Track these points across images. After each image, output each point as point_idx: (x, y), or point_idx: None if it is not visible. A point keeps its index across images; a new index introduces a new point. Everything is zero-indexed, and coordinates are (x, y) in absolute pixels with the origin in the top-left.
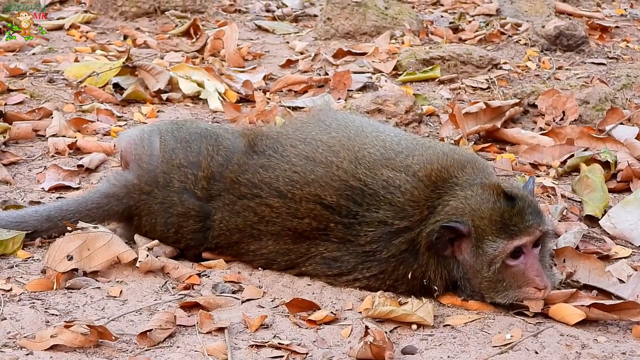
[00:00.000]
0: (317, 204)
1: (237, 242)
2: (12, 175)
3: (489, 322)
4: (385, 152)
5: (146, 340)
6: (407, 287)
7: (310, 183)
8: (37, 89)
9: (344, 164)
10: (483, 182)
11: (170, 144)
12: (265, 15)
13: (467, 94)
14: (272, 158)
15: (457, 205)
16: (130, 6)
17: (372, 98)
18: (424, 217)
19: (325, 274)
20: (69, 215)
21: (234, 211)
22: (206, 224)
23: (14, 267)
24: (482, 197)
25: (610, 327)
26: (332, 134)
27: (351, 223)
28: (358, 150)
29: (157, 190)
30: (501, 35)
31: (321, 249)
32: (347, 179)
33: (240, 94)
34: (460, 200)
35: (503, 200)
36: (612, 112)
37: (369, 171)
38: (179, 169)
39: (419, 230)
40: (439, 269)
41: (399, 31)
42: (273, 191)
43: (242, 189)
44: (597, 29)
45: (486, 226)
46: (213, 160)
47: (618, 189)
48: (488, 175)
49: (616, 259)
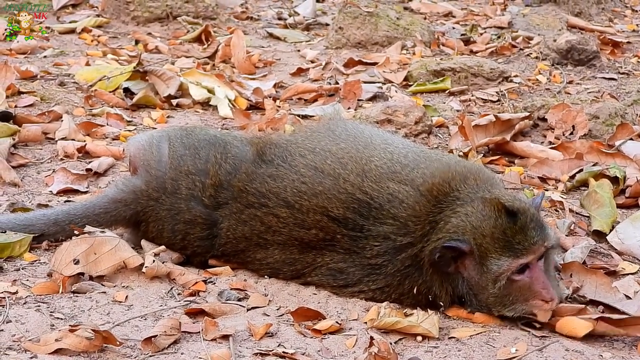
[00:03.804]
0: (324, 215)
1: (243, 251)
2: (20, 177)
3: (494, 336)
4: (392, 165)
5: (151, 346)
6: (412, 301)
7: (317, 195)
8: (47, 92)
9: (351, 177)
10: (484, 197)
11: (178, 150)
12: (277, 23)
13: (477, 106)
14: (281, 167)
15: (458, 223)
16: (143, 11)
17: (382, 108)
18: (426, 233)
19: (330, 284)
20: (77, 220)
21: (240, 220)
22: (213, 232)
23: (20, 269)
24: (482, 213)
25: (616, 342)
26: (341, 145)
27: (357, 236)
28: (365, 162)
29: (165, 197)
30: (512, 48)
31: (327, 259)
32: (353, 192)
33: (250, 101)
34: (461, 217)
35: (504, 217)
36: (622, 127)
37: (375, 184)
38: (187, 176)
39: (421, 247)
40: (444, 284)
41: (410, 42)
42: (281, 201)
43: (250, 198)
44: (609, 44)
45: (489, 244)
46: (221, 168)
47: (626, 205)
48: (492, 187)
49: (623, 275)
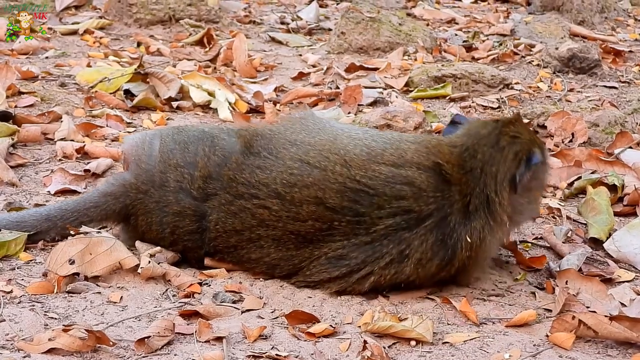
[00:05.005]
0: (319, 205)
1: (235, 247)
2: (18, 177)
3: (488, 341)
4: (370, 150)
5: (144, 347)
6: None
7: (309, 186)
8: (48, 93)
9: (337, 168)
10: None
11: (169, 145)
12: (280, 27)
13: (478, 112)
14: (267, 160)
15: (514, 145)
16: (145, 14)
17: (381, 113)
18: (467, 185)
19: (331, 275)
20: (68, 215)
21: (230, 211)
22: (202, 225)
23: (15, 269)
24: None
25: (610, 350)
26: (316, 138)
27: (358, 220)
28: (344, 154)
29: (154, 190)
30: (514, 55)
31: (325, 249)
32: (344, 182)
33: (250, 105)
34: (512, 141)
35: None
36: (622, 135)
37: (363, 171)
38: (176, 169)
39: (467, 200)
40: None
41: (412, 48)
42: (271, 192)
43: (240, 187)
44: (611, 52)
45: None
46: (210, 160)
47: (624, 213)
48: None
49: (619, 283)
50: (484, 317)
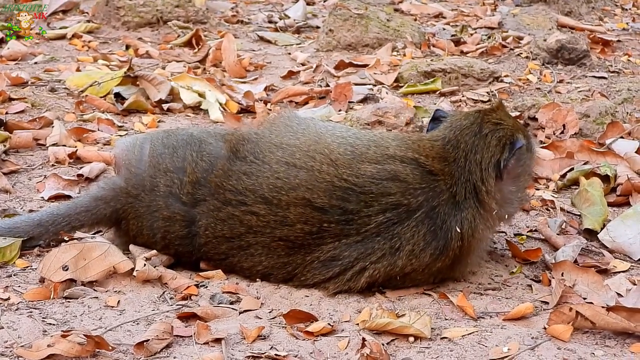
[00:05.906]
0: (307, 206)
1: (227, 255)
2: (12, 184)
3: (487, 335)
4: (354, 149)
5: (143, 350)
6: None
7: (296, 187)
8: (38, 98)
9: (324, 167)
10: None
11: (158, 149)
12: (268, 26)
13: (468, 106)
14: (254, 165)
15: (498, 132)
16: (133, 16)
17: (372, 110)
18: (452, 176)
19: (326, 277)
20: (59, 220)
21: (219, 218)
22: (192, 230)
23: (12, 276)
24: (496, 116)
25: (608, 340)
26: (301, 139)
27: (347, 220)
28: (329, 152)
29: (144, 194)
30: (503, 48)
31: (317, 254)
32: (332, 181)
33: (241, 105)
34: (495, 128)
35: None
36: (613, 125)
37: (349, 169)
38: (165, 174)
39: (453, 189)
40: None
41: (400, 43)
42: (258, 198)
43: (227, 194)
44: (599, 42)
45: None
46: (197, 165)
47: (617, 203)
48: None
49: (614, 273)
50: (481, 311)
